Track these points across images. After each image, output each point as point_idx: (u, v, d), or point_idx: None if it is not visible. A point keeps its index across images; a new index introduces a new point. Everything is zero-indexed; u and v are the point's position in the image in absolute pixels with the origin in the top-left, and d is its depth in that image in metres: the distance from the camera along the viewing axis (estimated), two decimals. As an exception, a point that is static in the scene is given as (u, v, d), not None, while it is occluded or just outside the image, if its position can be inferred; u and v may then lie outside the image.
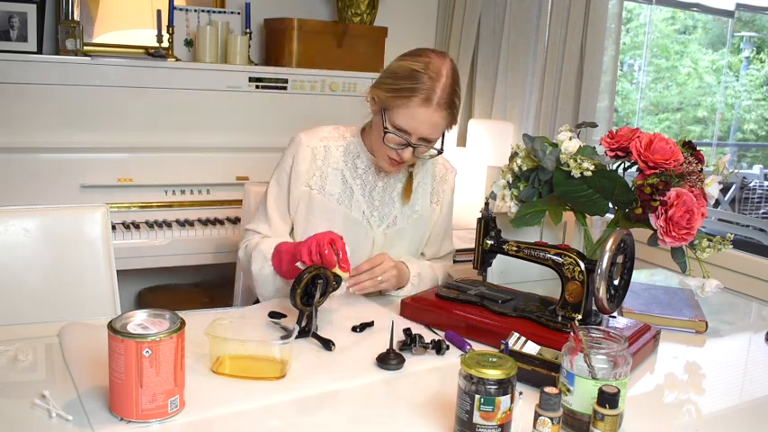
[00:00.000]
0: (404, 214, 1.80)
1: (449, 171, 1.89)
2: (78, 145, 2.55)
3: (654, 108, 7.23)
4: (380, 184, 1.76)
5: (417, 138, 1.60)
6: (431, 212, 1.85)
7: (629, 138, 1.66)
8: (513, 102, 3.33)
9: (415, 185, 1.80)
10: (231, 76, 2.80)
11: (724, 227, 4.18)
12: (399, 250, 1.79)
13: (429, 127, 1.59)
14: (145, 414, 1.07)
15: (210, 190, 2.71)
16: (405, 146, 1.61)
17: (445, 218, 1.90)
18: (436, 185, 1.86)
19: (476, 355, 1.08)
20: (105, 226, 1.68)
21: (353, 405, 1.21)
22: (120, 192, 2.59)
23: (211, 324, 1.27)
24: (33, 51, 2.66)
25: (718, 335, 1.67)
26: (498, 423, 1.04)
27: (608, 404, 1.07)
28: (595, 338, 1.17)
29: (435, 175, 1.86)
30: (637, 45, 6.71)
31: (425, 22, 3.71)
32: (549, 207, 1.71)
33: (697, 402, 1.34)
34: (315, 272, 1.43)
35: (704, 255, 1.63)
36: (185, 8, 3.01)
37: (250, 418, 1.13)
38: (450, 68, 1.61)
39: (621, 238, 1.40)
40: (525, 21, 3.23)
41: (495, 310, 1.53)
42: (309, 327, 1.44)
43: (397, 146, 1.62)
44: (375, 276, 1.63)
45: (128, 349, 1.05)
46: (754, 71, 7.38)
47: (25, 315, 1.52)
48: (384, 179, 1.76)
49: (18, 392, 1.17)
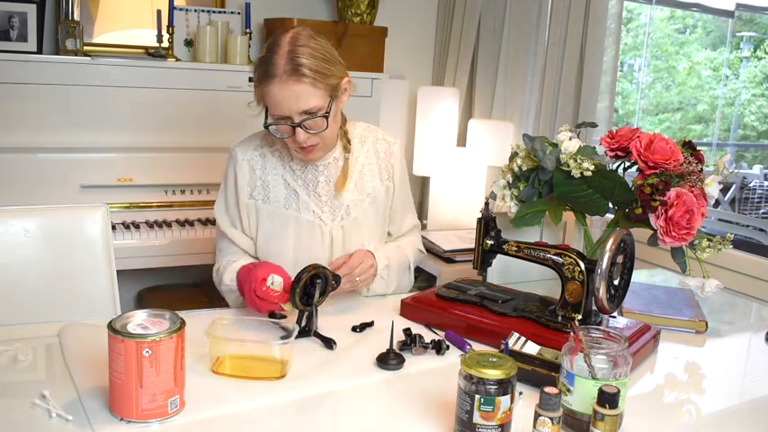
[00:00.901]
0: (356, 202, 1.74)
1: (391, 143, 1.80)
2: (78, 145, 2.55)
3: (654, 108, 7.23)
4: (321, 178, 1.71)
5: (297, 115, 1.55)
6: (385, 191, 1.78)
7: (629, 138, 1.66)
8: (513, 102, 3.33)
9: (360, 169, 1.75)
10: (231, 76, 2.80)
11: (724, 227, 4.18)
12: (362, 239, 1.74)
13: (294, 100, 1.53)
14: (145, 414, 1.07)
15: (210, 190, 2.70)
16: (292, 128, 1.57)
17: (401, 191, 1.82)
18: (381, 162, 1.78)
19: (476, 355, 1.08)
20: (105, 226, 1.68)
21: (353, 405, 1.21)
22: (120, 192, 2.58)
23: (211, 324, 1.27)
24: (33, 51, 2.66)
25: (718, 335, 1.67)
26: (498, 423, 1.04)
27: (608, 404, 1.07)
28: (595, 338, 1.17)
29: (378, 152, 1.79)
30: (637, 45, 6.71)
31: (425, 22, 3.71)
32: (549, 207, 1.71)
33: (697, 402, 1.35)
34: (313, 272, 1.43)
35: (704, 255, 1.63)
36: (185, 8, 3.01)
37: (250, 418, 1.13)
38: (290, 36, 1.56)
39: (621, 238, 1.40)
40: (525, 21, 3.23)
41: (495, 310, 1.53)
42: (309, 327, 1.45)
43: (287, 133, 1.59)
44: (353, 278, 1.61)
45: (128, 349, 1.05)
46: (752, 68, 7.38)
47: (25, 315, 1.52)
48: (323, 173, 1.72)
49: (18, 392, 1.17)
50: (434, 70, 3.75)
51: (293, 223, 1.69)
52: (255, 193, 1.70)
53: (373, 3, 3.25)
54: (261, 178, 1.70)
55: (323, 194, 1.71)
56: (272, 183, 1.70)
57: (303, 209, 1.70)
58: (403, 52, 3.60)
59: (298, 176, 1.71)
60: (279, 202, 1.70)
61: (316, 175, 1.72)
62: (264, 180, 1.70)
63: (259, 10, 3.14)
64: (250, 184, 1.70)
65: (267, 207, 1.69)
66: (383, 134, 1.82)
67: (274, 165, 1.71)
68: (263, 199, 1.69)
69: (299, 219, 1.70)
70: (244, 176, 1.69)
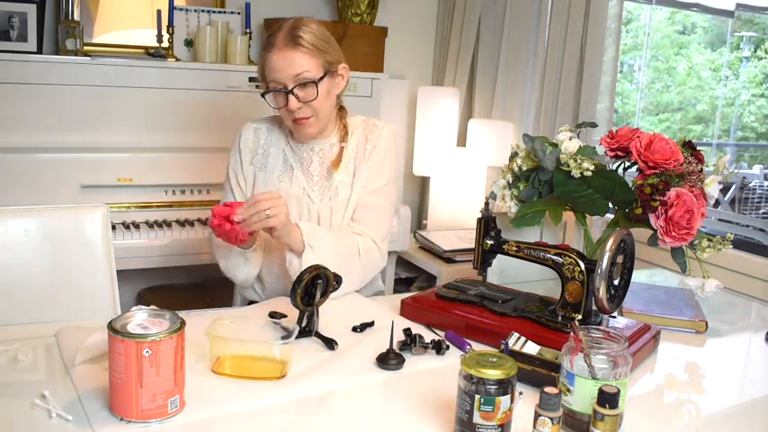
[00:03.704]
0: (345, 184, 1.79)
1: (380, 128, 1.84)
2: (78, 145, 2.55)
3: (654, 108, 7.23)
4: (315, 159, 1.80)
5: (290, 81, 1.66)
6: (366, 171, 1.81)
7: (629, 138, 1.66)
8: (512, 101, 3.33)
9: (352, 155, 1.81)
10: (231, 76, 2.80)
11: (724, 227, 4.18)
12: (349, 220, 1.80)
13: (289, 66, 1.66)
14: (145, 414, 1.07)
15: (210, 190, 2.70)
16: (285, 95, 1.67)
17: (373, 174, 1.80)
18: (368, 144, 1.82)
19: (476, 355, 1.08)
20: (105, 226, 1.68)
21: (353, 405, 1.21)
22: (120, 192, 2.58)
23: (211, 324, 1.27)
24: (33, 51, 2.66)
25: (718, 335, 1.67)
26: (498, 423, 1.04)
27: (608, 404, 1.07)
28: (595, 338, 1.17)
29: (367, 136, 1.82)
30: (637, 45, 6.71)
31: (425, 22, 3.71)
32: (549, 207, 1.71)
33: (697, 402, 1.35)
34: (315, 272, 1.43)
35: (704, 255, 1.63)
36: (185, 8, 3.01)
37: (250, 418, 1.13)
38: (293, 19, 1.71)
39: (621, 238, 1.40)
40: (525, 21, 3.23)
41: (495, 310, 1.53)
42: (310, 327, 1.45)
43: (281, 103, 1.69)
44: (262, 210, 1.53)
45: (128, 349, 1.05)
46: (752, 68, 7.38)
47: (25, 315, 1.52)
48: (318, 154, 1.80)
49: (18, 392, 1.17)
50: (434, 70, 3.75)
51: (283, 196, 1.70)
52: (256, 160, 1.82)
53: (373, 3, 3.25)
54: (263, 147, 1.82)
55: (315, 174, 1.80)
56: (273, 154, 1.82)
57: (294, 184, 1.79)
58: (403, 52, 3.60)
59: (295, 153, 1.81)
60: (274, 173, 1.81)
61: (311, 155, 1.81)
62: (266, 150, 1.82)
63: (259, 10, 3.14)
64: (252, 150, 1.82)
65: (263, 175, 1.81)
66: (376, 121, 1.87)
67: (278, 139, 1.83)
68: (260, 167, 1.81)
69: (289, 193, 1.78)
70: (247, 142, 1.82)
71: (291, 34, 1.67)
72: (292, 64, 1.65)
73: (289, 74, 1.66)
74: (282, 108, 1.70)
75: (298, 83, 1.66)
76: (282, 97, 1.68)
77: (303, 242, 1.63)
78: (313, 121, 1.72)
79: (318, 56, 1.68)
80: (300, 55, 1.66)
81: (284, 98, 1.68)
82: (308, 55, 1.66)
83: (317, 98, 1.68)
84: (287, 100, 1.67)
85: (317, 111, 1.70)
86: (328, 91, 1.72)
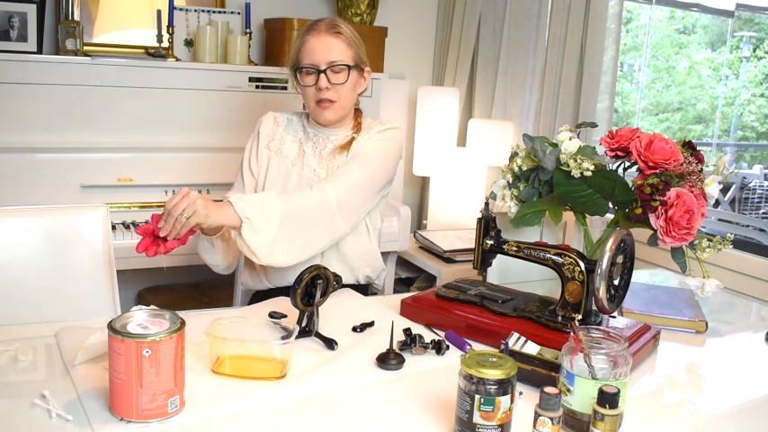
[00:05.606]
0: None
1: (387, 125, 1.89)
2: (78, 145, 2.55)
3: (654, 108, 7.23)
4: (330, 146, 1.87)
5: (324, 63, 1.77)
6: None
7: (629, 138, 1.66)
8: (512, 101, 3.33)
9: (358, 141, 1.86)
10: (231, 76, 2.80)
11: (724, 227, 4.17)
12: None
13: (326, 49, 1.78)
14: (145, 414, 1.07)
15: (210, 190, 2.70)
16: (317, 75, 1.77)
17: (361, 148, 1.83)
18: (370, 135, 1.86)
19: (476, 355, 1.08)
20: (105, 226, 1.68)
21: (353, 405, 1.21)
22: (120, 192, 2.58)
23: (211, 324, 1.27)
24: (33, 51, 2.66)
25: (718, 335, 1.67)
26: (498, 423, 1.04)
27: (608, 404, 1.07)
28: (595, 338, 1.17)
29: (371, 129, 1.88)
30: (637, 45, 6.71)
31: (425, 22, 3.71)
32: (549, 207, 1.71)
33: (697, 402, 1.35)
34: (315, 272, 1.43)
35: (704, 255, 1.63)
36: (185, 8, 3.01)
37: (250, 418, 1.13)
38: (331, 17, 1.87)
39: (621, 238, 1.40)
40: (525, 21, 3.23)
41: (495, 310, 1.53)
42: (310, 327, 1.45)
43: (311, 81, 1.78)
44: (179, 215, 1.48)
45: (128, 349, 1.05)
46: (752, 68, 7.38)
47: (25, 315, 1.52)
48: (333, 142, 1.87)
49: (18, 392, 1.17)
50: (434, 70, 3.75)
51: (295, 178, 1.85)
52: (272, 144, 1.89)
53: (373, 3, 3.25)
54: (280, 134, 1.90)
55: (325, 157, 1.87)
56: (289, 141, 1.89)
57: (306, 166, 1.86)
58: (403, 52, 3.60)
59: (311, 139, 1.89)
60: (288, 158, 1.87)
61: (326, 142, 1.88)
62: (283, 137, 1.90)
63: (259, 10, 3.14)
64: (269, 135, 1.90)
65: (277, 159, 1.87)
66: (383, 119, 1.95)
67: (296, 128, 1.92)
68: (276, 151, 1.88)
69: (301, 175, 1.85)
70: (267, 128, 1.91)
71: (333, 23, 1.81)
72: (330, 48, 1.77)
73: (325, 57, 1.77)
74: (311, 87, 1.79)
75: (331, 66, 1.77)
76: (314, 76, 1.78)
77: (239, 217, 1.58)
78: (335, 106, 1.81)
79: (353, 48, 1.81)
80: (339, 43, 1.78)
81: (315, 77, 1.78)
82: (346, 44, 1.79)
83: (346, 84, 1.79)
84: (317, 79, 1.77)
85: (340, 97, 1.80)
86: (354, 83, 1.83)
